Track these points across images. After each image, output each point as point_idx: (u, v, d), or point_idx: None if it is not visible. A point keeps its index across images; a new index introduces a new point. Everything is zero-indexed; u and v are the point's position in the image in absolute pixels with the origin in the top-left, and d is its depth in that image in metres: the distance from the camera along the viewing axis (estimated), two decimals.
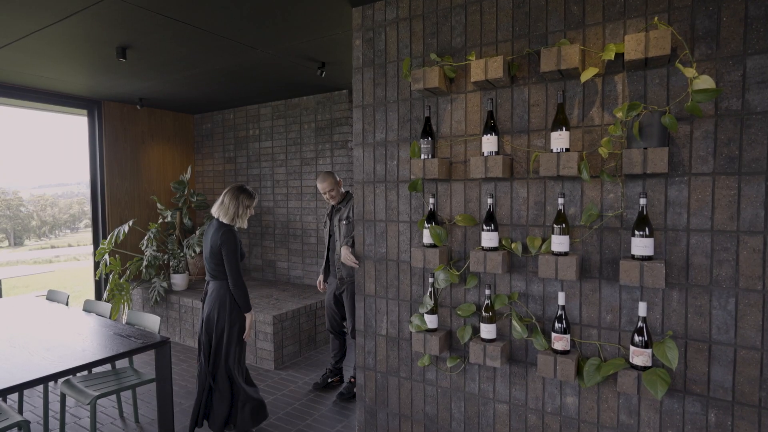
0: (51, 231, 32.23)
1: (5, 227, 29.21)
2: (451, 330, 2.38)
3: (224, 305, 2.73)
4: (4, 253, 24.76)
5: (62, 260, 20.48)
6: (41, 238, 31.22)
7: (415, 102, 2.42)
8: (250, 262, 5.71)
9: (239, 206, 2.79)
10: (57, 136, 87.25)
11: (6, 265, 20.05)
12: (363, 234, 2.64)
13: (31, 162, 72.92)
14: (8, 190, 33.00)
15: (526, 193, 2.13)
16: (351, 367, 3.91)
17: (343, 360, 3.76)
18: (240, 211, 2.79)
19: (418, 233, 2.44)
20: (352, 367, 3.75)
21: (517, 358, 2.19)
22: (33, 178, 75.91)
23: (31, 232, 30.77)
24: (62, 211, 32.58)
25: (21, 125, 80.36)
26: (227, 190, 2.83)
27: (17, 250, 26.96)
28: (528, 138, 2.12)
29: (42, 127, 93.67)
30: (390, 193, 2.53)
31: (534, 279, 2.12)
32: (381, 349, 2.61)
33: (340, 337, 3.66)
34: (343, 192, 3.57)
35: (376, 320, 2.62)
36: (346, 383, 3.60)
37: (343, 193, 3.57)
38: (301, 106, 5.11)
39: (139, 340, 2.48)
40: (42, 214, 32.06)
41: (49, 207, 32.67)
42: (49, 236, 31.81)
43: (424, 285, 2.44)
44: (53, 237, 31.82)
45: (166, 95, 4.96)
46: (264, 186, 5.50)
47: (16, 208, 30.15)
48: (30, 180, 70.12)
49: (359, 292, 2.68)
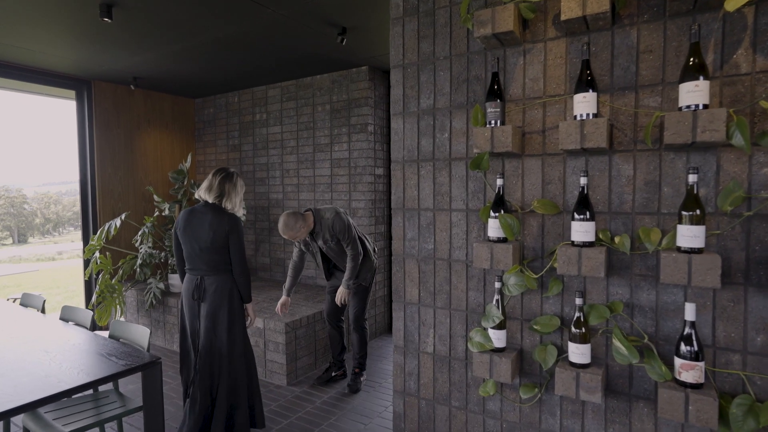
0: (55, 228, 32.07)
1: (9, 225, 28.96)
2: (521, 349, 1.85)
3: (233, 300, 2.55)
4: (6, 251, 24.44)
5: (65, 258, 20.10)
6: (45, 235, 31.04)
7: (474, 57, 1.88)
8: (256, 260, 5.19)
9: (240, 195, 2.62)
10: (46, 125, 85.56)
11: (8, 262, 19.70)
12: (403, 227, 2.11)
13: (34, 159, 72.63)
14: (12, 188, 32.74)
15: (631, 170, 1.60)
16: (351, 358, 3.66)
17: (344, 352, 3.59)
18: (241, 199, 2.63)
19: (478, 224, 1.91)
20: (352, 358, 3.51)
21: (616, 388, 1.66)
22: (37, 175, 75.71)
23: (35, 229, 30.55)
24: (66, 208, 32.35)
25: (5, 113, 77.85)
26: (221, 177, 2.57)
27: (21, 246, 26.67)
28: (636, 97, 1.58)
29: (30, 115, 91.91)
30: (440, 174, 2.00)
31: (643, 285, 1.59)
32: (426, 370, 2.08)
33: (339, 328, 3.49)
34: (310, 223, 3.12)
35: (420, 334, 2.10)
36: (350, 375, 3.43)
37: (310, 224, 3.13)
38: (314, 86, 4.58)
39: (122, 360, 1.96)
40: (46, 211, 31.98)
41: (53, 204, 32.58)
42: (53, 234, 31.62)
43: (484, 291, 1.91)
44: (57, 234, 31.63)
45: (163, 73, 4.43)
46: (272, 176, 4.97)
47: (20, 206, 29.90)
48: (34, 178, 69.93)
49: (397, 299, 2.16)
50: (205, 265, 2.51)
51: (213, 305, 2.50)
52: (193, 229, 2.50)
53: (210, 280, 2.51)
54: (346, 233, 3.10)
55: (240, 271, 2.54)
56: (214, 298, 2.50)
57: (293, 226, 3.00)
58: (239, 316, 2.58)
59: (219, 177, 2.56)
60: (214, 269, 2.51)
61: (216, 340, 2.51)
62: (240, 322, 2.58)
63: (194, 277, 2.54)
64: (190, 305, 2.55)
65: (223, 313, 2.50)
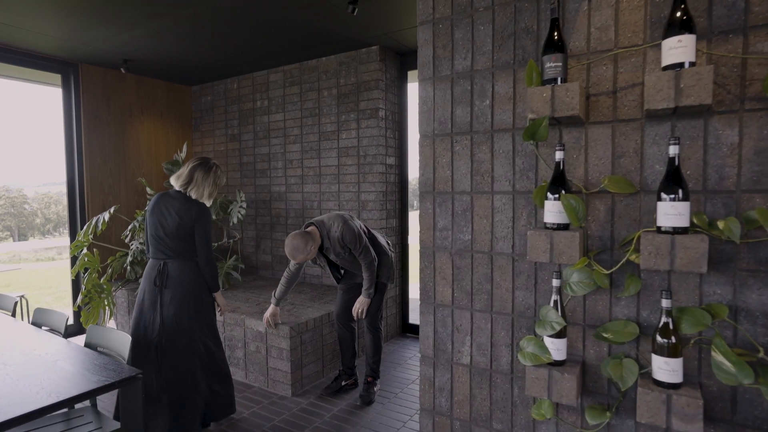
0: (55, 228, 31.87)
1: (9, 225, 28.73)
2: (584, 362, 1.50)
3: (198, 287, 2.48)
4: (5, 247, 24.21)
5: (64, 257, 19.84)
6: (45, 236, 30.86)
7: (523, 5, 1.54)
8: (257, 258, 4.85)
9: (213, 186, 2.53)
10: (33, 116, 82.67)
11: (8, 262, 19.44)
12: (433, 214, 1.77)
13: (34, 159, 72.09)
14: (12, 188, 32.51)
15: (736, 136, 1.25)
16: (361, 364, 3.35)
17: (356, 358, 3.21)
18: (213, 191, 2.54)
19: (527, 209, 1.57)
20: (365, 364, 3.12)
21: (712, 414, 1.32)
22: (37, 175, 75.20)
23: (35, 229, 30.32)
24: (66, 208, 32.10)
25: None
26: (196, 166, 2.50)
27: (20, 245, 26.47)
28: (744, 41, 1.23)
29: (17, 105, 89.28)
30: (479, 149, 1.65)
31: (752, 282, 1.25)
32: (461, 385, 1.74)
33: (350, 330, 3.11)
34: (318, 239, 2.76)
35: (453, 342, 1.75)
36: (363, 384, 3.08)
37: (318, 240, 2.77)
38: (320, 69, 4.23)
39: (96, 375, 1.62)
40: (46, 211, 31.81)
41: (53, 204, 32.38)
42: (53, 234, 31.43)
43: (535, 291, 1.57)
44: (57, 234, 31.43)
45: (156, 55, 4.09)
46: (274, 167, 4.63)
47: (20, 206, 29.65)
48: (35, 178, 69.46)
49: (426, 300, 1.81)
50: (171, 251, 2.44)
51: (176, 292, 2.43)
52: (161, 213, 2.45)
53: (174, 266, 2.44)
54: (357, 242, 2.76)
55: (205, 260, 2.49)
56: (178, 285, 2.44)
57: (304, 249, 2.65)
58: (206, 304, 2.53)
59: (191, 165, 2.51)
60: (179, 255, 2.45)
61: (178, 329, 2.42)
62: (207, 310, 2.53)
63: (157, 263, 2.46)
64: (151, 292, 2.44)
65: (186, 301, 2.44)
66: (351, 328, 3.09)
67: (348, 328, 3.08)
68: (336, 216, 2.82)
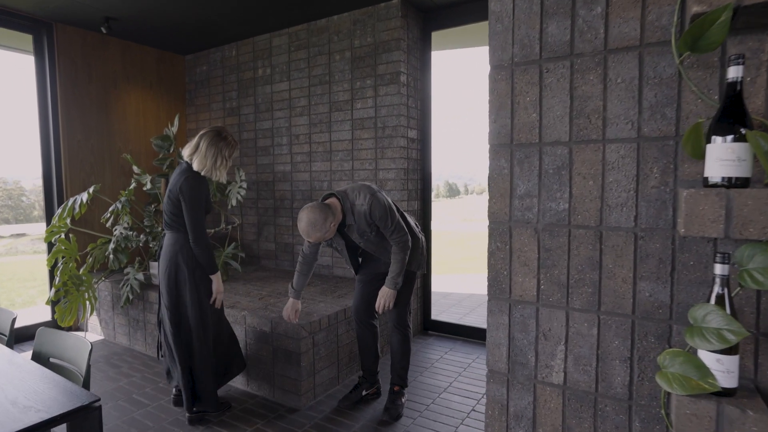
0: None
1: (7, 217, 28.25)
2: (756, 387, 1.01)
3: (185, 261, 2.34)
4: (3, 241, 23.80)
5: None
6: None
7: None
8: (259, 246, 4.35)
9: (218, 156, 2.35)
10: None
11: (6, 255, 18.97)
12: (510, 175, 1.27)
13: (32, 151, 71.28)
14: (9, 180, 31.93)
15: None
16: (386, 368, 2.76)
17: (378, 362, 2.68)
18: (218, 163, 2.37)
19: (660, 164, 1.08)
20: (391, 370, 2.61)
21: None
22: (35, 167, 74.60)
23: (33, 222, 29.85)
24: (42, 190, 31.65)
25: None
26: (204, 134, 2.37)
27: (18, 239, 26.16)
28: None
29: None
30: (583, 79, 1.15)
31: None
32: (549, 412, 1.25)
33: (372, 328, 2.60)
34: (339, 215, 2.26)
35: (537, 353, 1.26)
36: (389, 395, 2.57)
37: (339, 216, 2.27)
38: (331, 30, 3.70)
39: (36, 404, 1.12)
40: None
41: None
42: None
43: (672, 282, 1.08)
44: None
45: (142, 12, 3.56)
46: (278, 144, 4.12)
47: (17, 198, 29.14)
48: (32, 170, 68.85)
49: (497, 295, 1.32)
50: (165, 220, 2.41)
51: (163, 264, 2.40)
52: (169, 182, 2.42)
53: (165, 239, 2.44)
54: (389, 218, 2.26)
55: (193, 238, 2.33)
56: (164, 258, 2.40)
57: (322, 225, 2.17)
58: (194, 283, 2.36)
59: (201, 132, 2.38)
60: (170, 228, 2.40)
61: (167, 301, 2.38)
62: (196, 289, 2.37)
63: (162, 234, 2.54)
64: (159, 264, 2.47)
65: (167, 275, 2.37)
66: (372, 326, 2.60)
67: (369, 326, 2.59)
68: (362, 186, 2.32)
